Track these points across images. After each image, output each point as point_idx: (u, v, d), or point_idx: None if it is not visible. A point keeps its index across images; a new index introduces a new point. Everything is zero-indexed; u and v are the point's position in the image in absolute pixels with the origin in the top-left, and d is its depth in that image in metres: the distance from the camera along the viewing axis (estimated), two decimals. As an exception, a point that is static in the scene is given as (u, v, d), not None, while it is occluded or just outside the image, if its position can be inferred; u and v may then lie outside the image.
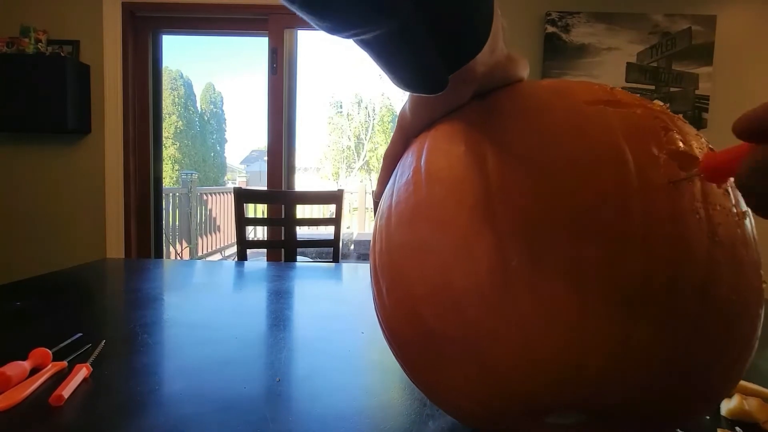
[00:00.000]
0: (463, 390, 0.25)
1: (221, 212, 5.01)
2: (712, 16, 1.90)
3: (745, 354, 0.23)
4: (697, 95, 1.93)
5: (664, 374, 0.21)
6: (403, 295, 0.26)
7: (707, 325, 0.21)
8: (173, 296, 0.71)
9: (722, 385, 0.23)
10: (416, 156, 0.27)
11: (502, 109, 0.25)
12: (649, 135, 0.22)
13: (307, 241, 1.39)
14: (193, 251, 4.37)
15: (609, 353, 0.20)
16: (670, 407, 0.22)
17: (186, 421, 0.33)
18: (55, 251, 1.96)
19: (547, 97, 0.25)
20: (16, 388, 0.36)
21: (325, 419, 0.34)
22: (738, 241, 0.22)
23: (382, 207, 0.29)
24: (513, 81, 0.27)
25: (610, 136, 0.22)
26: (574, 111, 0.23)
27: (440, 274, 0.23)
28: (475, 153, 0.24)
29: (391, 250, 0.26)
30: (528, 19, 1.95)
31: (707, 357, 0.21)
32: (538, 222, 0.21)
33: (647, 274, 0.20)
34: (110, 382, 0.39)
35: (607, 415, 0.22)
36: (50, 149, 1.95)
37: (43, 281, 0.79)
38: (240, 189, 1.33)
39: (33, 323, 0.55)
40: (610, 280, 0.20)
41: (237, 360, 0.45)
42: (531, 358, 0.21)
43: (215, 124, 10.05)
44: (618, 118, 0.23)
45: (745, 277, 0.22)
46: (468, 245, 0.22)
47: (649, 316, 0.20)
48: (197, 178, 4.74)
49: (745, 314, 0.22)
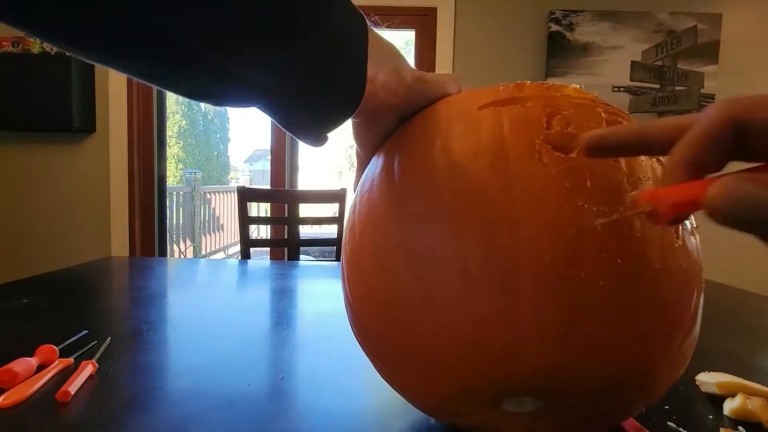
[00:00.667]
0: (419, 387, 0.27)
1: (225, 211, 5.03)
2: (717, 14, 1.89)
3: (680, 335, 0.23)
4: (703, 94, 1.91)
5: (599, 360, 0.21)
6: (350, 305, 0.29)
7: (588, 284, 0.21)
8: (177, 294, 0.72)
9: (665, 367, 0.23)
10: (365, 176, 0.31)
11: (412, 131, 0.28)
12: (530, 125, 0.24)
13: (310, 240, 1.39)
14: (197, 250, 4.38)
15: (507, 330, 0.21)
16: (618, 390, 0.23)
17: (190, 418, 0.33)
18: (60, 249, 1.97)
19: (447, 110, 0.27)
20: (23, 384, 0.37)
21: (328, 416, 0.34)
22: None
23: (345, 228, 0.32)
24: (437, 98, 0.29)
25: (494, 135, 0.24)
26: (467, 118, 0.25)
27: (364, 283, 0.27)
28: (388, 178, 0.27)
29: (344, 261, 0.30)
30: (532, 18, 1.94)
31: (599, 314, 0.21)
32: (427, 219, 0.23)
33: (516, 252, 0.21)
34: (116, 379, 0.40)
35: (560, 401, 0.23)
36: (55, 148, 1.96)
37: (49, 279, 0.79)
38: (243, 188, 1.33)
39: (39, 320, 0.56)
40: (488, 261, 0.22)
41: (241, 357, 0.45)
42: (447, 344, 0.23)
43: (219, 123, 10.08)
44: (507, 116, 0.24)
45: (635, 241, 0.21)
46: (381, 254, 0.25)
47: (526, 288, 0.21)
48: (201, 177, 4.74)
49: (639, 274, 0.21)
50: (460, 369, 0.23)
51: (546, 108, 0.24)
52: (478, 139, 0.24)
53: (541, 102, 0.25)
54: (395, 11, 1.97)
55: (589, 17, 1.89)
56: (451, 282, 0.22)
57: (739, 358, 0.49)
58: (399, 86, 0.26)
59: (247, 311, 0.64)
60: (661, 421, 0.34)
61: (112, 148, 1.95)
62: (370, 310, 0.27)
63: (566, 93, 0.26)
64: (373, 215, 0.27)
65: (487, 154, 0.23)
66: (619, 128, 0.19)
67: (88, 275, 0.84)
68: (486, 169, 0.23)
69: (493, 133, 0.24)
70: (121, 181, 1.96)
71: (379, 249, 0.26)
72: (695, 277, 0.24)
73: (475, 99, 0.27)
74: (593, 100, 0.26)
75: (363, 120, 0.28)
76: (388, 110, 0.27)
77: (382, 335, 0.26)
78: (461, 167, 0.23)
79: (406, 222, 0.24)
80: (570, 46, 1.90)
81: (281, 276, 0.87)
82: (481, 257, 0.22)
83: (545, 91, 0.26)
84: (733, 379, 0.38)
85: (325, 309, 0.65)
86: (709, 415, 0.35)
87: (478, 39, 1.95)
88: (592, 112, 0.25)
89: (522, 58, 1.96)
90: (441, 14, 1.94)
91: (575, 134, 0.23)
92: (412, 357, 0.25)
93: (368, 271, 0.26)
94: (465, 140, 0.24)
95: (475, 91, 0.28)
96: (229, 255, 4.91)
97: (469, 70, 1.97)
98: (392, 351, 0.26)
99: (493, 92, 0.26)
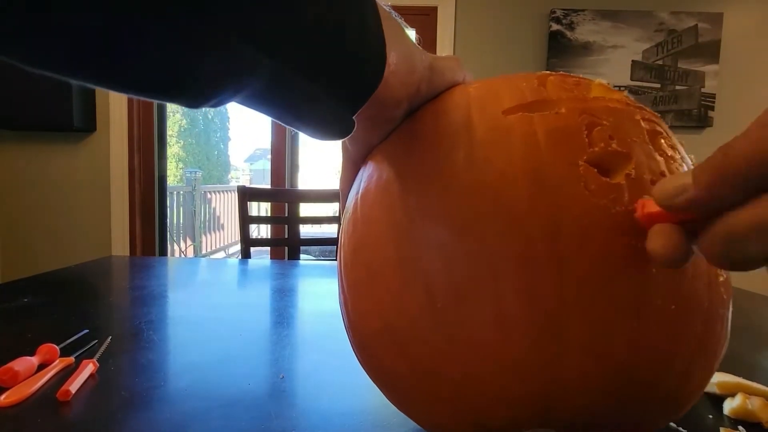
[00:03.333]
0: (422, 414, 0.25)
1: (225, 210, 5.03)
2: (718, 13, 1.89)
3: (700, 354, 0.21)
4: (704, 93, 1.91)
5: (605, 387, 0.20)
6: (354, 333, 0.26)
7: (641, 333, 0.19)
8: (178, 293, 0.72)
9: (681, 387, 0.22)
10: (356, 190, 0.27)
11: (424, 134, 0.23)
12: (570, 139, 0.20)
13: (311, 240, 1.39)
14: (197, 249, 4.39)
15: (544, 375, 0.20)
16: (630, 415, 0.21)
17: (191, 417, 0.33)
18: (61, 249, 1.97)
19: (467, 111, 0.23)
20: (24, 383, 0.37)
21: (328, 416, 0.34)
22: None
23: (340, 235, 0.28)
24: (445, 89, 0.25)
25: (528, 150, 0.20)
26: (492, 125, 0.21)
27: (379, 317, 0.23)
28: (401, 193, 0.23)
29: (345, 286, 0.27)
30: (532, 17, 1.94)
31: (652, 363, 0.20)
32: (454, 256, 0.20)
33: (562, 296, 0.19)
34: (116, 378, 0.40)
35: (574, 429, 0.22)
36: (56, 147, 1.96)
37: (49, 278, 0.79)
38: (244, 187, 1.33)
39: (40, 319, 0.56)
40: (529, 305, 0.19)
41: (241, 357, 0.45)
42: (475, 390, 0.21)
43: (219, 122, 10.07)
44: (540, 125, 0.21)
45: (686, 281, 0.20)
46: (398, 290, 0.22)
47: (573, 334, 0.19)
48: (201, 176, 4.75)
49: (691, 316, 0.20)
50: (488, 413, 0.21)
51: (583, 116, 0.21)
52: (510, 156, 0.20)
53: (575, 107, 0.21)
54: (396, 10, 1.96)
55: (589, 16, 1.89)
56: (482, 326, 0.20)
57: (739, 358, 0.49)
58: (409, 74, 0.22)
59: (247, 310, 0.64)
60: (661, 421, 0.34)
61: (112, 148, 1.95)
62: (381, 343, 0.24)
63: (598, 94, 0.23)
64: (381, 235, 0.23)
65: (525, 177, 0.20)
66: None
67: (88, 274, 0.85)
68: (525, 198, 0.19)
69: (528, 150, 0.20)
70: (122, 180, 1.96)
71: (391, 280, 0.22)
72: (714, 294, 0.21)
73: (497, 98, 0.23)
74: (627, 102, 0.23)
75: (364, 115, 0.22)
76: (396, 106, 0.23)
77: (394, 372, 0.24)
78: (495, 192, 0.20)
79: (427, 255, 0.21)
80: (571, 46, 1.90)
81: (281, 275, 0.87)
82: (520, 301, 0.19)
83: (575, 89, 0.23)
84: (733, 379, 0.38)
85: (326, 308, 0.65)
86: (709, 415, 0.35)
87: (479, 38, 1.95)
88: (631, 120, 0.22)
89: (522, 58, 1.95)
90: (441, 13, 1.94)
91: (620, 152, 0.20)
92: (430, 398, 0.23)
93: (377, 301, 0.23)
94: (495, 156, 0.20)
95: (492, 84, 0.24)
96: (229, 254, 4.91)
97: (469, 70, 1.96)
98: (408, 389, 0.24)
99: (517, 90, 0.23)
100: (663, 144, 0.22)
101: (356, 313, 0.25)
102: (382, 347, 0.24)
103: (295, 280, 0.83)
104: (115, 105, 1.93)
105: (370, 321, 0.24)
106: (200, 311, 0.62)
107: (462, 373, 0.21)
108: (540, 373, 0.19)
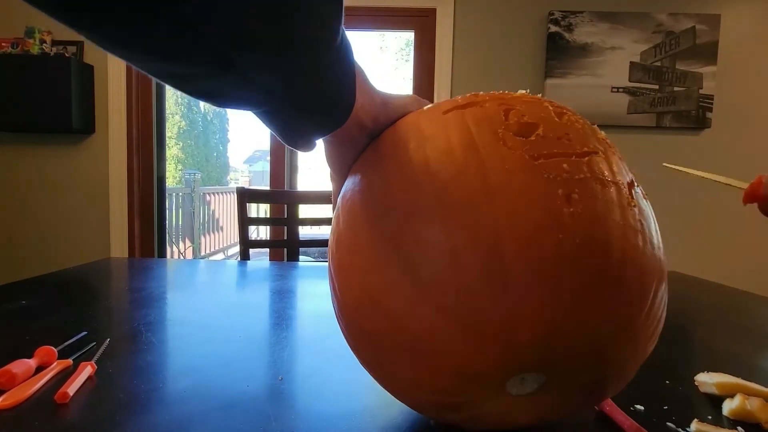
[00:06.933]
0: (422, 384, 0.27)
1: (224, 212, 5.03)
2: (716, 15, 1.89)
3: (653, 287, 0.24)
4: (702, 95, 1.92)
5: (588, 321, 0.23)
6: (340, 307, 0.30)
7: (594, 288, 0.23)
8: (176, 295, 0.72)
9: (646, 323, 0.25)
10: (340, 195, 0.33)
11: (385, 141, 0.30)
12: (492, 119, 0.27)
13: (310, 241, 1.39)
14: (196, 251, 4.38)
15: (531, 314, 0.23)
16: (609, 351, 0.24)
17: (189, 419, 0.33)
18: (59, 250, 1.97)
19: (415, 119, 0.30)
20: (22, 385, 0.37)
21: (327, 417, 0.34)
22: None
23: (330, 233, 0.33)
24: (399, 117, 0.32)
25: (461, 130, 0.27)
26: (435, 121, 0.29)
27: (359, 285, 0.27)
28: (370, 182, 0.29)
29: (332, 271, 0.31)
30: (530, 19, 1.94)
31: (620, 296, 0.23)
32: (426, 216, 0.25)
33: (497, 226, 0.23)
34: (114, 380, 0.40)
35: (559, 369, 0.24)
36: (54, 149, 1.96)
37: (48, 280, 0.79)
38: (243, 189, 1.33)
39: (38, 321, 0.56)
40: (473, 239, 0.23)
41: (240, 358, 0.45)
42: (467, 336, 0.23)
43: (218, 123, 10.06)
44: (469, 115, 0.28)
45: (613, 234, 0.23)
46: (376, 260, 0.26)
47: (508, 250, 0.23)
48: (200, 178, 4.75)
49: (632, 275, 0.23)
50: (461, 352, 0.24)
51: (502, 106, 0.28)
52: (448, 136, 0.27)
53: (496, 102, 0.28)
54: (395, 12, 1.97)
55: (588, 18, 1.90)
56: (440, 265, 0.23)
57: (738, 359, 0.49)
58: (372, 107, 0.30)
59: (246, 312, 0.64)
60: (661, 422, 0.34)
61: (111, 149, 1.95)
62: (363, 311, 0.27)
63: (517, 95, 0.30)
64: (358, 219, 0.28)
65: (459, 146, 0.26)
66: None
67: (87, 276, 0.84)
68: (460, 159, 0.25)
69: (461, 129, 0.27)
70: (121, 182, 1.96)
71: (367, 249, 0.27)
72: (652, 232, 0.26)
73: (438, 107, 0.30)
74: (540, 98, 0.30)
75: (338, 139, 0.30)
76: (361, 129, 0.30)
77: (378, 334, 0.27)
78: (438, 160, 0.26)
79: (392, 218, 0.26)
80: (569, 47, 1.91)
81: (281, 277, 0.87)
82: (466, 236, 0.23)
83: (498, 95, 0.30)
84: (732, 380, 0.38)
85: (325, 309, 0.65)
86: (708, 416, 0.35)
87: (478, 40, 1.96)
88: (541, 106, 0.28)
89: (521, 59, 1.96)
90: (440, 15, 1.95)
91: (531, 123, 0.27)
92: (412, 351, 0.25)
93: (358, 273, 0.27)
94: (437, 138, 0.27)
95: (435, 103, 0.32)
96: (228, 256, 4.90)
97: (468, 71, 1.97)
98: (391, 349, 0.27)
99: (453, 101, 0.30)
100: (568, 117, 0.28)
101: (341, 291, 0.29)
102: (363, 315, 0.27)
103: (294, 282, 0.83)
104: (114, 107, 1.94)
105: (350, 293, 0.28)
106: (199, 313, 0.62)
107: (431, 312, 0.24)
108: (496, 301, 0.23)
